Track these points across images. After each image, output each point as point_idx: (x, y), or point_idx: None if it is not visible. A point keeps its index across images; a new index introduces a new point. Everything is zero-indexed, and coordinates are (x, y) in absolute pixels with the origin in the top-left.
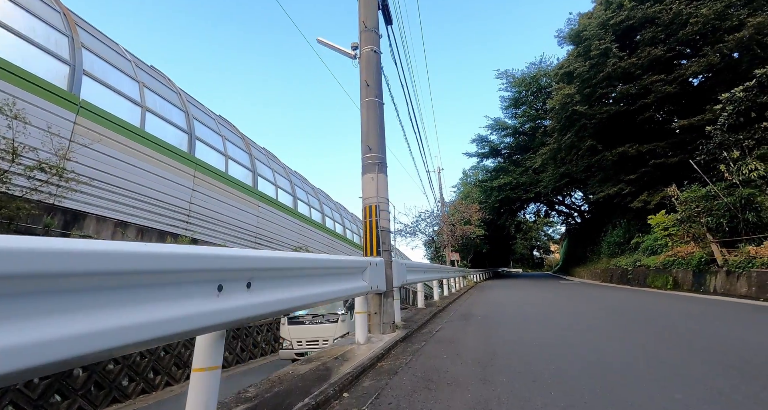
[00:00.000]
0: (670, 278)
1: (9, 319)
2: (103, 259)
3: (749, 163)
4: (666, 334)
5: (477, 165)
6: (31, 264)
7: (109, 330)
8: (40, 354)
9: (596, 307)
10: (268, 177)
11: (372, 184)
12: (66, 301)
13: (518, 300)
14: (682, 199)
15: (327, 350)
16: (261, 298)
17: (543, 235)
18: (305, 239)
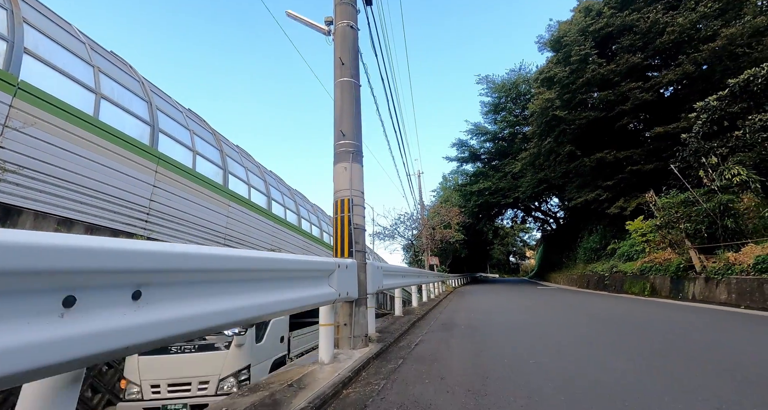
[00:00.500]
0: (647, 285)
1: None
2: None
3: (732, 168)
4: (665, 346)
5: (457, 169)
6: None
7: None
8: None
9: (583, 315)
10: (240, 176)
11: (345, 175)
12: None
13: (501, 307)
14: (660, 205)
15: (279, 373)
16: (159, 314)
17: (519, 241)
18: (279, 242)
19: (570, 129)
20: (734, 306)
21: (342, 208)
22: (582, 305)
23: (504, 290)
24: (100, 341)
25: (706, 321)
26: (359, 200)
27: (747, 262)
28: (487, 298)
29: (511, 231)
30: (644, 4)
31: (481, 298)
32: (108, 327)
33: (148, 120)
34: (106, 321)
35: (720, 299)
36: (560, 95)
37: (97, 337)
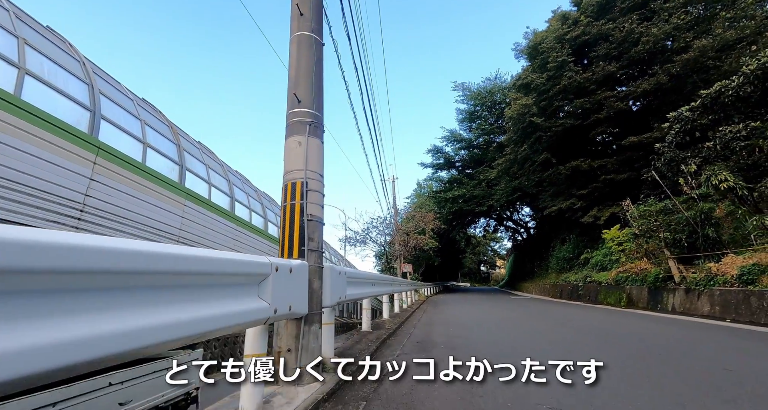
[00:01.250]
0: (623, 295)
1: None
2: None
3: (719, 173)
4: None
5: (431, 176)
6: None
7: None
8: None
9: (570, 330)
10: (200, 173)
11: (298, 152)
12: None
13: (480, 319)
14: (637, 213)
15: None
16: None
17: (490, 250)
18: (241, 246)
19: (546, 136)
20: (719, 319)
21: (293, 193)
22: (565, 317)
23: (478, 299)
24: None
25: (701, 337)
26: (317, 184)
27: (730, 273)
28: (463, 308)
29: (483, 240)
30: (619, 14)
31: (456, 308)
32: None
33: (87, 105)
34: None
35: (702, 312)
36: (537, 102)
37: None
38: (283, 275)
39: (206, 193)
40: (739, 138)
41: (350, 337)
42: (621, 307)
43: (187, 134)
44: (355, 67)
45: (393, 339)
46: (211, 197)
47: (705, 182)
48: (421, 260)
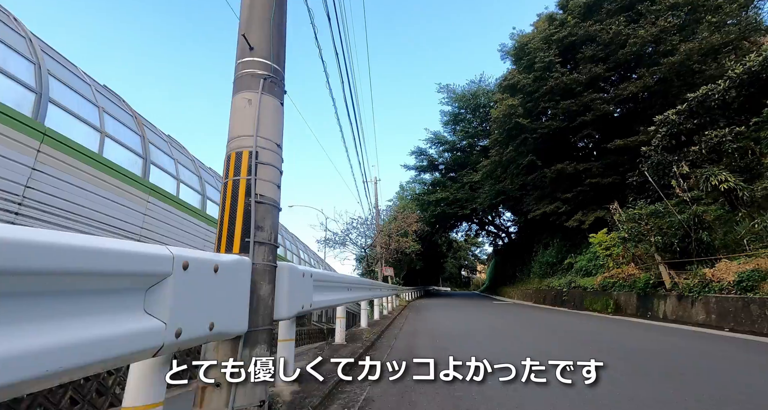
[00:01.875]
0: (610, 302)
1: None
2: None
3: (718, 174)
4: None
5: (414, 179)
6: None
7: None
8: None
9: (566, 340)
10: (167, 169)
11: (247, 112)
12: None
13: (468, 328)
14: (626, 217)
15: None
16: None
17: (471, 255)
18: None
19: (531, 138)
20: (715, 328)
21: (237, 166)
22: (555, 325)
23: (461, 304)
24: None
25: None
26: (271, 156)
27: (727, 279)
28: (447, 315)
29: (464, 245)
30: (606, 15)
31: (440, 315)
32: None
33: (33, 86)
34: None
35: (697, 320)
36: (523, 103)
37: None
38: (197, 277)
39: (174, 189)
40: (725, 142)
41: (320, 352)
42: (609, 314)
43: (155, 126)
44: (336, 53)
45: (371, 353)
46: (179, 193)
47: (703, 182)
48: (402, 264)
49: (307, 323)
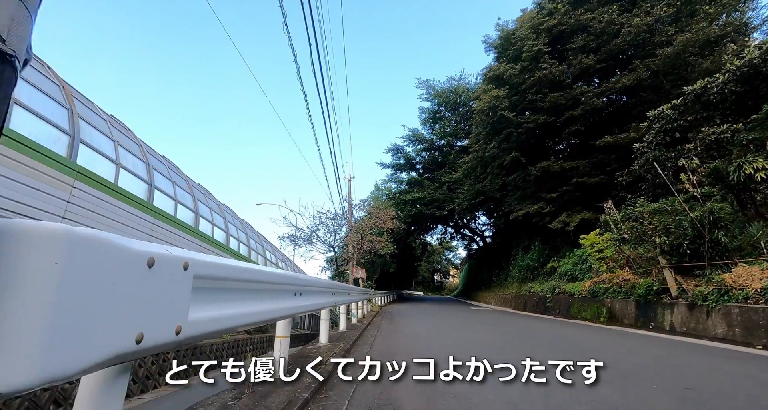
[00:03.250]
0: (603, 309)
1: None
2: None
3: (753, 161)
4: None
5: (391, 177)
6: None
7: None
8: None
9: None
10: (105, 151)
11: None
12: None
13: (452, 344)
14: (624, 216)
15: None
16: None
17: (444, 259)
18: (161, 242)
19: (516, 133)
20: (742, 344)
21: None
22: (553, 338)
23: (438, 311)
24: None
25: None
26: None
27: (753, 286)
28: (425, 324)
29: (438, 249)
30: (599, 4)
31: (417, 324)
32: None
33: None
34: None
35: (715, 334)
36: (509, 95)
37: None
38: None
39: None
40: (723, 139)
41: (236, 400)
42: (602, 323)
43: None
44: (309, 42)
45: (328, 394)
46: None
47: (734, 171)
48: (376, 267)
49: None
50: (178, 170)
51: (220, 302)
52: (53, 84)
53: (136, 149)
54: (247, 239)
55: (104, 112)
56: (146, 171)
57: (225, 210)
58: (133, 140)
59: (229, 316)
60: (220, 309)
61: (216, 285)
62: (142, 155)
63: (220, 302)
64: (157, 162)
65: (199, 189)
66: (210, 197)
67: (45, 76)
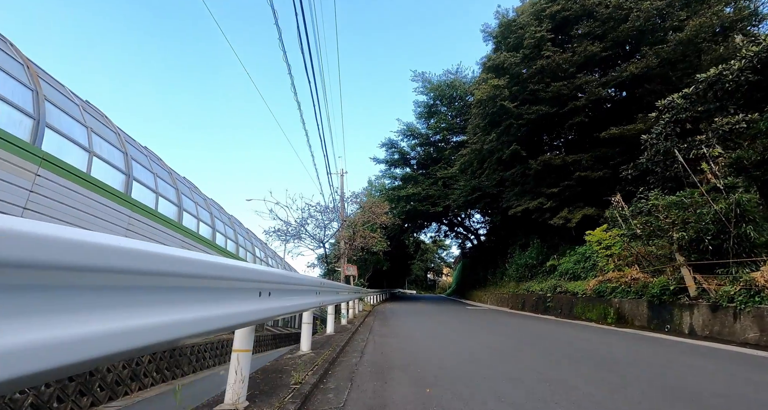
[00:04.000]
0: (610, 310)
1: None
2: None
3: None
4: None
5: (384, 172)
6: None
7: None
8: None
9: (626, 378)
10: (76, 138)
11: None
12: None
13: (459, 353)
14: (635, 210)
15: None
16: None
17: (437, 258)
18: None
19: (517, 125)
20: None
21: None
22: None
23: (434, 311)
24: None
25: None
26: None
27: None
28: (423, 327)
29: (432, 247)
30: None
31: (413, 326)
32: None
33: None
34: None
35: (745, 338)
36: (509, 85)
37: None
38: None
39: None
40: (737, 130)
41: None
42: (610, 324)
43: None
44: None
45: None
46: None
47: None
48: (368, 264)
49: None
50: (161, 162)
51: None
52: (16, 62)
53: (113, 138)
54: (235, 236)
55: (78, 97)
56: (124, 161)
57: (212, 205)
58: (109, 127)
59: (109, 334)
60: (142, 316)
61: (128, 284)
62: (120, 144)
63: (136, 311)
64: (137, 152)
65: (183, 182)
66: (196, 191)
67: (107, 126)
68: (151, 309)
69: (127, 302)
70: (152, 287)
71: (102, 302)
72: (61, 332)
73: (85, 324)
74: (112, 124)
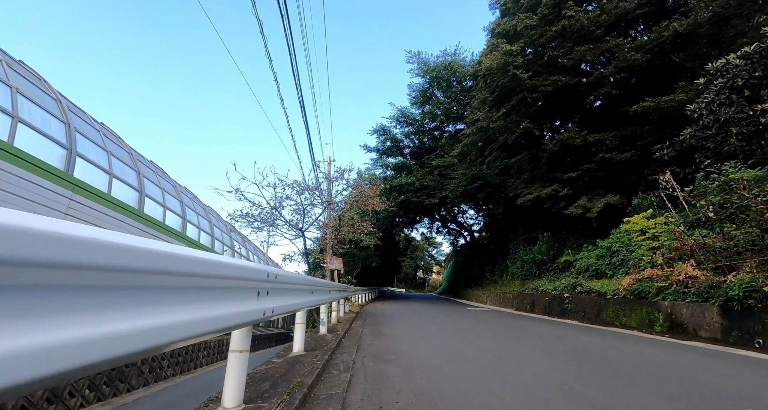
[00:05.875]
0: (658, 316)
1: None
2: None
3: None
4: None
5: (376, 161)
6: None
7: None
8: None
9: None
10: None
11: None
12: None
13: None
14: (696, 189)
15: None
16: None
17: (427, 255)
18: (80, 222)
19: (531, 99)
20: None
21: None
22: (647, 365)
23: (430, 312)
24: None
25: None
26: None
27: None
28: (424, 335)
29: (422, 244)
30: None
31: (412, 334)
32: None
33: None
34: None
35: None
36: (523, 51)
37: None
38: None
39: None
40: None
41: None
42: (660, 333)
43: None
44: None
45: None
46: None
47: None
48: (357, 260)
49: None
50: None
51: None
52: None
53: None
54: (211, 228)
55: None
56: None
57: (183, 193)
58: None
59: None
60: None
61: None
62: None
63: None
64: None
65: (148, 166)
66: (163, 176)
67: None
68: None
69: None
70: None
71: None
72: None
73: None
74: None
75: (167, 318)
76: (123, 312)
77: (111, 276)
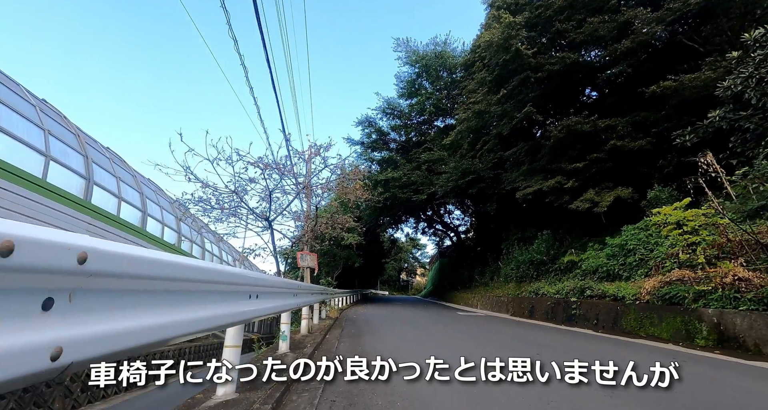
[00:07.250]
0: (700, 326)
1: None
2: None
3: None
4: None
5: (360, 154)
6: None
7: None
8: None
9: None
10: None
11: None
12: None
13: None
14: (744, 173)
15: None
16: None
17: (411, 257)
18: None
19: (535, 79)
20: None
21: None
22: None
23: (419, 317)
24: None
25: None
26: None
27: None
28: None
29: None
30: None
31: (402, 347)
32: None
33: None
34: None
35: None
36: (528, 24)
37: None
38: None
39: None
40: None
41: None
42: (704, 348)
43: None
44: None
45: None
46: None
47: None
48: (338, 260)
49: None
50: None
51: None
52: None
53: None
54: (178, 225)
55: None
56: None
57: (144, 184)
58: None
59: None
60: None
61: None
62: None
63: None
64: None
65: (101, 151)
66: (119, 164)
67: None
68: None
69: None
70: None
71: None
72: None
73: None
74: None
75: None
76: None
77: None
